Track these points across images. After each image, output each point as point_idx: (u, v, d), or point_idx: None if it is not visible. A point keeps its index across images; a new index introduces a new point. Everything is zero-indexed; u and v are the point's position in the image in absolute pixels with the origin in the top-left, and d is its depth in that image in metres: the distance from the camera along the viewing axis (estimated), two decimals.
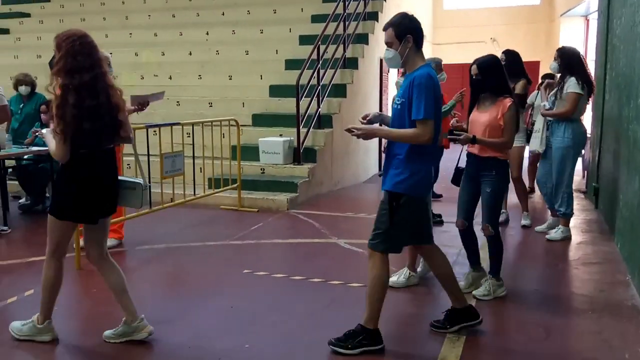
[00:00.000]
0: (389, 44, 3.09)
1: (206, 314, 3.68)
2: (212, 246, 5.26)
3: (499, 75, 3.82)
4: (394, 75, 10.88)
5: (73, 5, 12.18)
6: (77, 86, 2.92)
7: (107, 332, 3.28)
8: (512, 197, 6.17)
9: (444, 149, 5.97)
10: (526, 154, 6.21)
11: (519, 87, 5.59)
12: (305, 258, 4.97)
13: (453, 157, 4.40)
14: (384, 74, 10.10)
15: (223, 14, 10.76)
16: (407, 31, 3.01)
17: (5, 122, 5.68)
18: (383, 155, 3.94)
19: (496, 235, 3.90)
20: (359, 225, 6.06)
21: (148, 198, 3.33)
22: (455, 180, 4.12)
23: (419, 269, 4.30)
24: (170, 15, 11.00)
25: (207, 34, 10.26)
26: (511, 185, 5.91)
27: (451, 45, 14.64)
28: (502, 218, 6.09)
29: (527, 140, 5.89)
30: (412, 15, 3.08)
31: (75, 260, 4.55)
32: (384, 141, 10.06)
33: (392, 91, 10.77)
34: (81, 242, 4.77)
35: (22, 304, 3.83)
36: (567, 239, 5.36)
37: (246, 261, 4.79)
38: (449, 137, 4.00)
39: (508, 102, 3.75)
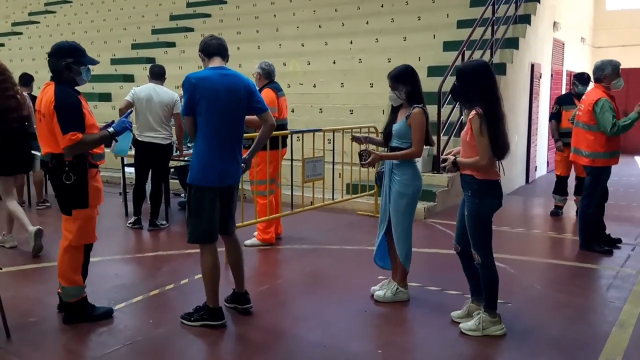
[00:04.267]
0: None
1: (341, 316, 3.76)
2: (349, 250, 5.36)
3: (470, 81, 3.31)
4: (547, 82, 10.20)
5: (231, 20, 13.24)
6: None
7: None
8: None
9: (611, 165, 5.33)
10: None
11: None
12: (441, 269, 4.85)
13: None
14: (535, 80, 9.51)
15: (367, 23, 10.94)
16: (200, 48, 3.60)
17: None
18: (531, 165, 3.69)
19: (486, 264, 3.43)
20: (498, 238, 5.72)
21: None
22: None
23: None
24: (317, 26, 11.45)
25: (351, 42, 10.50)
26: None
27: (614, 49, 13.35)
28: None
29: None
30: (208, 38, 3.58)
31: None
32: (532, 152, 9.40)
33: (543, 99, 10.11)
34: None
35: (178, 291, 4.22)
36: None
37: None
38: (441, 165, 3.55)
39: (472, 114, 3.27)
